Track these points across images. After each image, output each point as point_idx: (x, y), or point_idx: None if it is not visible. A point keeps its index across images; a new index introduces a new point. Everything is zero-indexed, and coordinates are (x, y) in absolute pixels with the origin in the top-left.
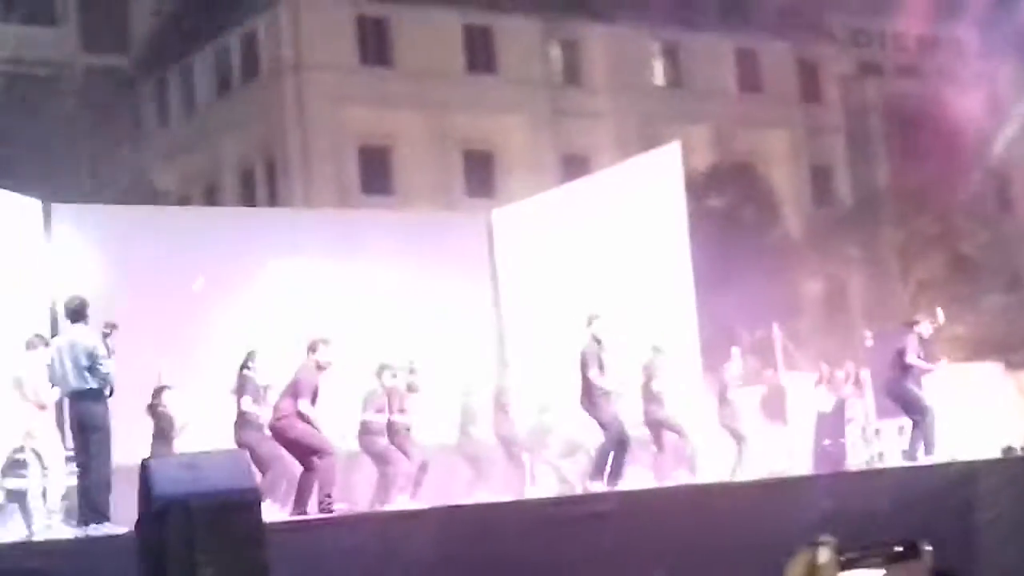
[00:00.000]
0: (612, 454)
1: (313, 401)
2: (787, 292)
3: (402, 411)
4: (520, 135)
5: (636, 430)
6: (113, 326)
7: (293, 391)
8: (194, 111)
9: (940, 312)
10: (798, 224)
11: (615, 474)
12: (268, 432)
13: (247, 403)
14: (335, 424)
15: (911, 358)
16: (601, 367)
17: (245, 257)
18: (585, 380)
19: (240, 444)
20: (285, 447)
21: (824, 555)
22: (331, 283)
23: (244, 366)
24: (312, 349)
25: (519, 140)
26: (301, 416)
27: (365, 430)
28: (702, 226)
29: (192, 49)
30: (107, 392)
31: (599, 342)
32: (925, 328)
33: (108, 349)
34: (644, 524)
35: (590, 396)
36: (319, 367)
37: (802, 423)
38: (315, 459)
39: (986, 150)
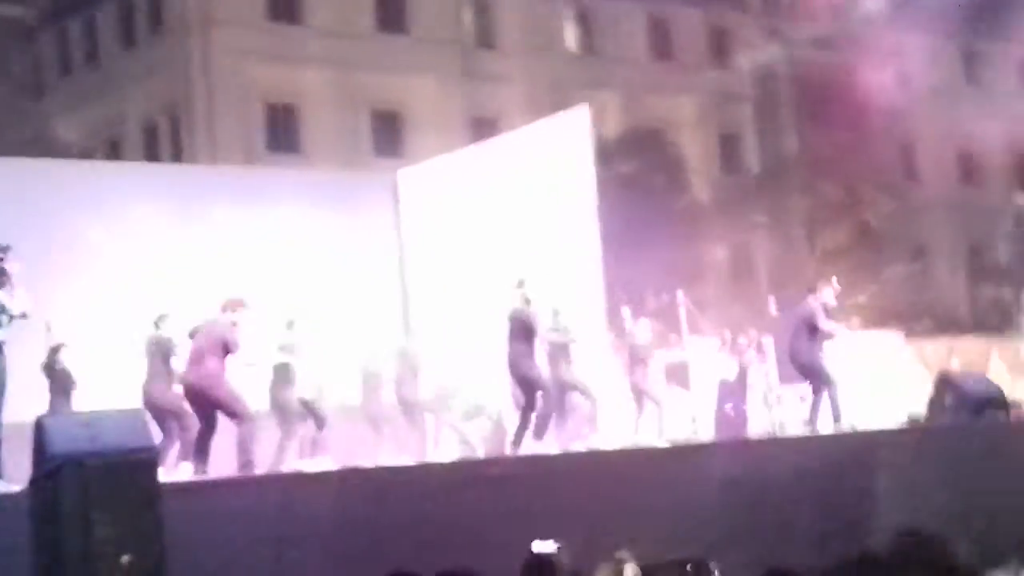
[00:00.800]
0: (544, 415)
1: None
2: (693, 258)
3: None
4: (429, 96)
5: None
6: (5, 248)
7: (221, 350)
8: (97, 63)
9: (834, 280)
10: (706, 191)
11: (518, 439)
12: (180, 390)
13: (174, 362)
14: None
15: (823, 323)
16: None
17: (148, 212)
18: (527, 345)
19: (153, 403)
20: (204, 406)
21: (630, 571)
22: (235, 241)
23: (156, 326)
24: (231, 309)
25: (428, 101)
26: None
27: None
28: (610, 191)
29: (95, 1)
30: (7, 319)
31: (529, 302)
32: (828, 295)
33: (7, 278)
34: (546, 488)
35: (531, 360)
36: (231, 326)
37: (705, 389)
38: (236, 422)
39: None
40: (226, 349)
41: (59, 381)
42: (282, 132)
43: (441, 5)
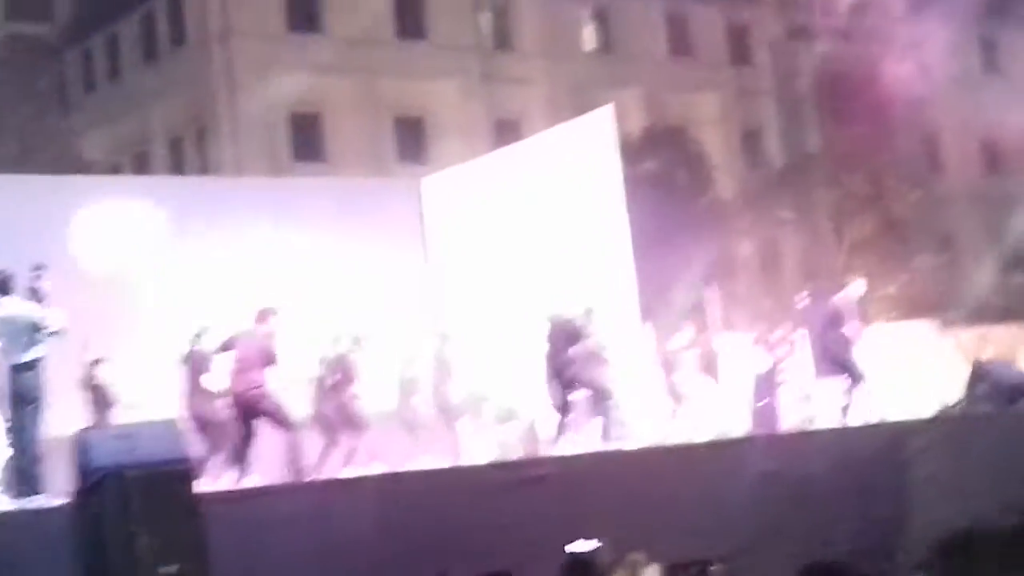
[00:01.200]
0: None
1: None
2: (722, 254)
3: (350, 379)
4: (451, 101)
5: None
6: (41, 267)
7: (262, 361)
8: (120, 79)
9: (862, 283)
10: (730, 187)
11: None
12: (224, 403)
13: (207, 377)
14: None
15: (848, 324)
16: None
17: (176, 226)
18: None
19: (197, 417)
20: (250, 416)
21: (651, 572)
22: (262, 251)
23: (195, 339)
24: (262, 319)
25: (450, 106)
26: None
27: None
28: (635, 190)
29: (117, 17)
30: (44, 335)
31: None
32: (858, 288)
33: (42, 297)
34: (583, 487)
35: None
36: (270, 337)
37: (738, 384)
38: (285, 430)
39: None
40: (267, 360)
41: (98, 395)
42: (306, 141)
43: (459, 10)
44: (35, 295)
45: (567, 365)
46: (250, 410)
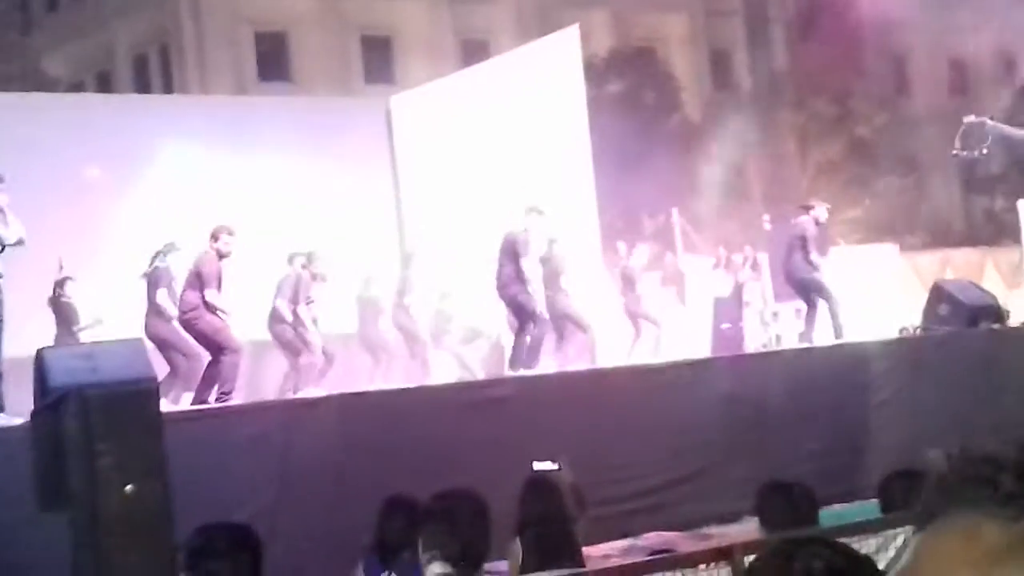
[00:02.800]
0: (537, 340)
1: (218, 289)
2: (686, 176)
3: (309, 301)
4: (419, 20)
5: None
6: None
7: (197, 282)
8: None
9: (824, 208)
10: (697, 108)
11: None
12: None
13: (162, 295)
14: (241, 313)
15: (812, 251)
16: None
17: (141, 145)
18: (515, 268)
19: (153, 337)
20: (195, 338)
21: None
22: (229, 171)
23: (158, 257)
24: (214, 237)
25: (417, 25)
26: (208, 306)
27: (277, 318)
28: (602, 111)
29: None
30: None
31: (525, 230)
32: (821, 213)
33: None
34: (545, 408)
35: (521, 284)
36: (220, 255)
37: (700, 307)
38: (214, 354)
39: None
40: (204, 280)
41: (64, 314)
42: (272, 60)
43: None
44: None
45: (504, 284)
46: (188, 331)
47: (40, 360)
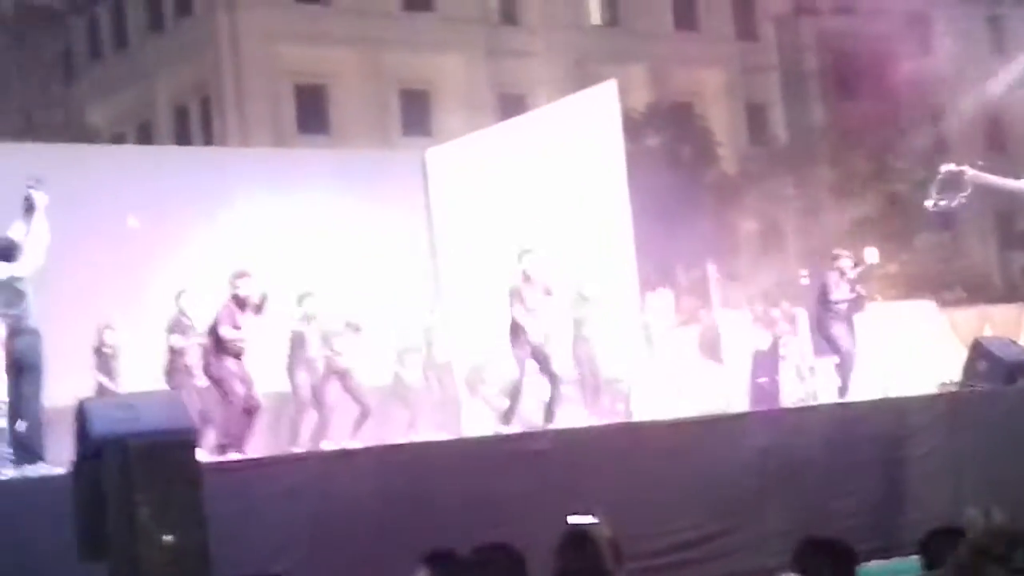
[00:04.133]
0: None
1: (235, 327)
2: (723, 230)
3: (336, 352)
4: (456, 74)
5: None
6: (39, 180)
7: (213, 328)
8: (126, 48)
9: (874, 252)
10: (734, 163)
11: (549, 414)
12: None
13: (175, 340)
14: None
15: (833, 293)
16: (523, 303)
17: (181, 196)
18: (513, 317)
19: (170, 385)
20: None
21: None
22: (267, 222)
23: (175, 302)
24: (231, 283)
25: (455, 79)
26: (225, 349)
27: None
28: (639, 165)
29: None
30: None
31: (528, 278)
32: (846, 263)
33: (31, 202)
34: (581, 461)
35: (515, 333)
36: (238, 301)
37: (738, 362)
38: (222, 403)
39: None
40: (215, 323)
41: (104, 362)
42: (311, 113)
43: None
44: (27, 204)
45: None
46: (207, 378)
47: (81, 410)
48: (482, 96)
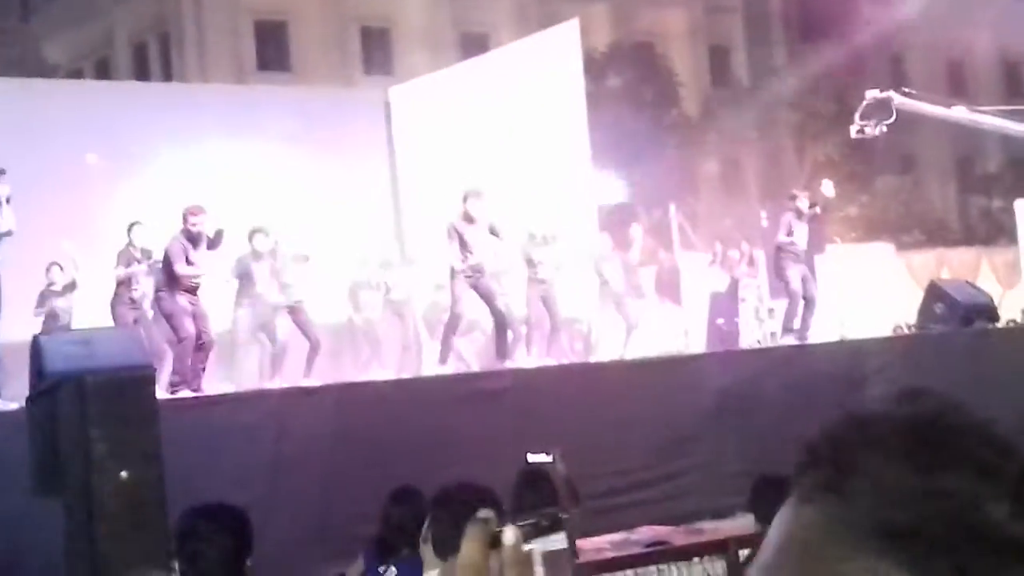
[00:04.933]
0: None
1: (187, 262)
2: (684, 172)
3: (285, 284)
4: (418, 12)
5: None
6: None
7: (166, 263)
8: None
9: (829, 185)
10: (696, 104)
11: (500, 352)
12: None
13: (120, 272)
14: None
15: (780, 236)
16: (464, 245)
17: (139, 133)
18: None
19: (113, 318)
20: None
21: (510, 535)
22: (226, 160)
23: (127, 235)
24: (184, 218)
25: (417, 17)
26: (177, 284)
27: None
28: (600, 105)
29: None
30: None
31: (472, 219)
32: (803, 204)
33: None
34: (539, 401)
35: (452, 271)
36: (190, 236)
37: (697, 303)
38: (175, 338)
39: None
40: (167, 259)
41: (47, 303)
42: (271, 49)
43: None
44: None
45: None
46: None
47: (36, 346)
48: (444, 35)
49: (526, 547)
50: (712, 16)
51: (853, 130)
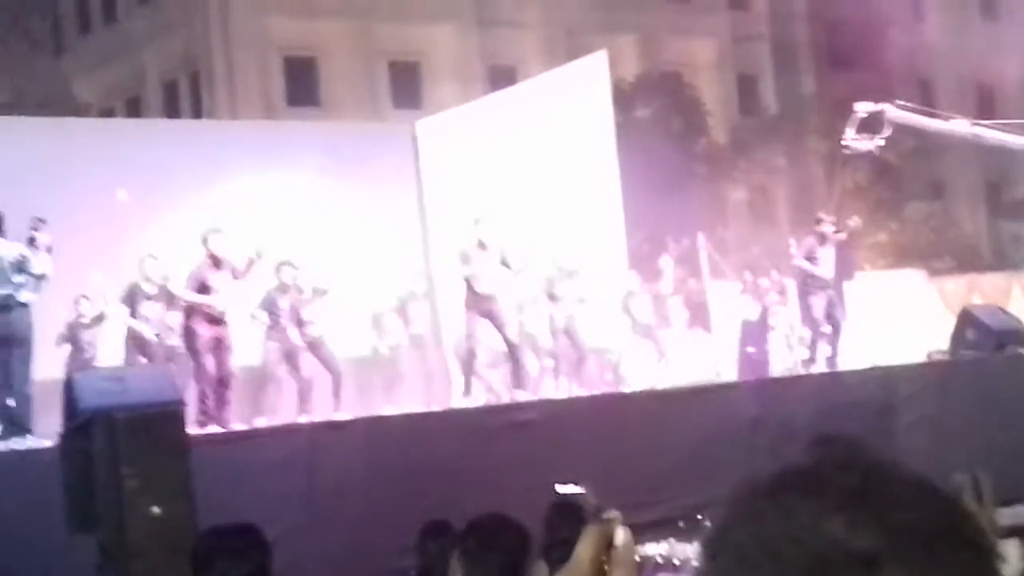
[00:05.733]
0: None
1: (199, 291)
2: (713, 201)
3: (306, 321)
4: (446, 45)
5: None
6: (41, 221)
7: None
8: (115, 22)
9: (857, 220)
10: (724, 133)
11: (515, 382)
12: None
13: (128, 315)
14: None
15: (798, 261)
16: (471, 267)
17: (170, 170)
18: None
19: (126, 358)
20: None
21: (621, 535)
22: (257, 196)
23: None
24: (203, 241)
25: (445, 50)
26: (197, 314)
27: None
28: (629, 136)
29: None
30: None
31: (484, 246)
32: (827, 227)
33: (37, 247)
34: (569, 432)
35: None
36: (214, 259)
37: (727, 332)
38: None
39: (911, 58)
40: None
41: (74, 336)
42: (301, 85)
43: None
44: (32, 244)
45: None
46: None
47: (69, 383)
48: (472, 67)
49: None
50: (739, 45)
51: (845, 144)
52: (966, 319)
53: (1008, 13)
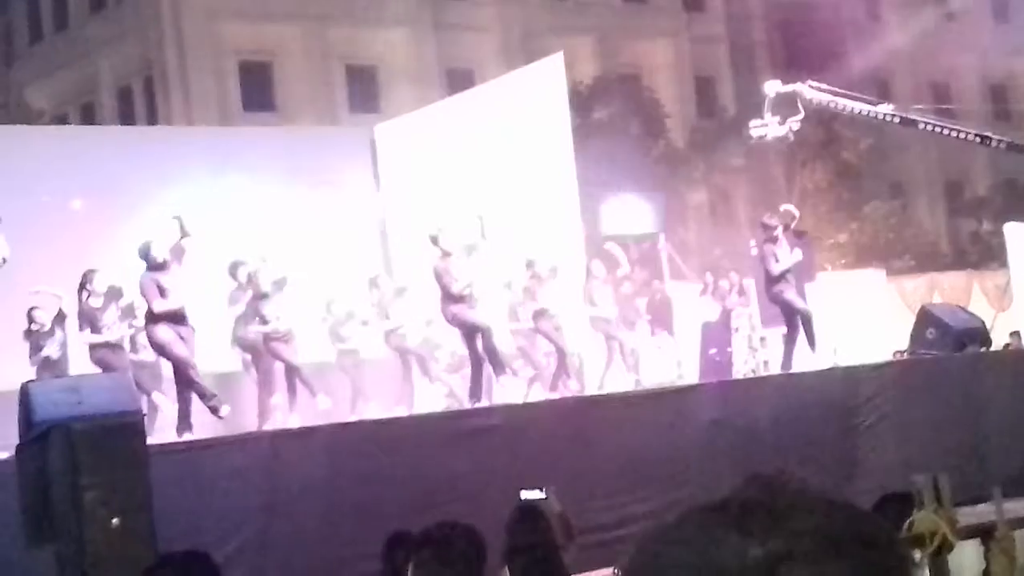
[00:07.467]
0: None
1: (163, 295)
2: (672, 203)
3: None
4: (403, 49)
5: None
6: None
7: (145, 301)
8: (67, 29)
9: (790, 206)
10: (683, 135)
11: (474, 392)
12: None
13: (82, 332)
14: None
15: (770, 266)
16: (452, 277)
17: (126, 176)
18: (444, 292)
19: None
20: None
21: None
22: (213, 202)
23: (82, 287)
24: (140, 255)
25: (403, 54)
26: (156, 318)
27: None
28: (587, 138)
29: None
30: None
31: (448, 255)
32: (772, 221)
33: None
34: (532, 437)
35: (448, 306)
36: (155, 266)
37: (689, 333)
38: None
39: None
40: (145, 298)
41: (35, 344)
42: (256, 90)
43: None
44: None
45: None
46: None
47: (25, 394)
48: (429, 71)
49: None
50: (697, 47)
51: (752, 131)
52: (926, 318)
53: (964, 12)
